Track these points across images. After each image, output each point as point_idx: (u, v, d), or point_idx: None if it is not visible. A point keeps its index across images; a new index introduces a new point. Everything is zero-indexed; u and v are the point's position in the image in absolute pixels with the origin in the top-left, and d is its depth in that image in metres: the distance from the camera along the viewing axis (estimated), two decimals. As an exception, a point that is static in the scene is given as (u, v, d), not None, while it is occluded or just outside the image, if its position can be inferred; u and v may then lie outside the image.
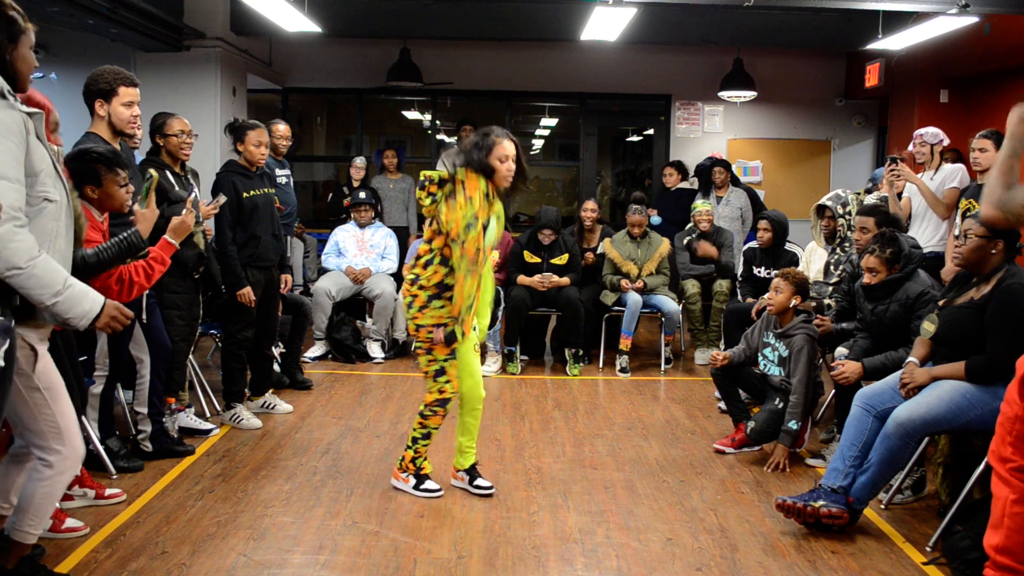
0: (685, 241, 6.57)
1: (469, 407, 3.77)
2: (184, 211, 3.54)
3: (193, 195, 3.52)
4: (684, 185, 7.92)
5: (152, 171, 3.40)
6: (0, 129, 2.29)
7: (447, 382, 3.63)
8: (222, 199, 4.49)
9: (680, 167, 7.95)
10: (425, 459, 3.78)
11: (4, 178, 2.28)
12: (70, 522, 3.24)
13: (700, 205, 6.61)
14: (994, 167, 2.53)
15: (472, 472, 3.81)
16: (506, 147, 3.52)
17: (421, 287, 3.55)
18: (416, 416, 3.75)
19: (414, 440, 3.75)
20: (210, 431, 4.52)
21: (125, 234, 3.00)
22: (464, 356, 3.68)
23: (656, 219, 7.40)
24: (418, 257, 3.60)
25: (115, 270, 3.18)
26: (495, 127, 3.60)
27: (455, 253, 3.45)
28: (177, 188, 4.22)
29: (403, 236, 7.23)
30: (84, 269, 2.77)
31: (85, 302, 2.49)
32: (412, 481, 3.76)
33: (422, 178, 3.55)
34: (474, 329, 3.68)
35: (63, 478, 2.69)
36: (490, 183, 3.53)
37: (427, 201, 3.52)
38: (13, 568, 2.73)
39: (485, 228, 3.50)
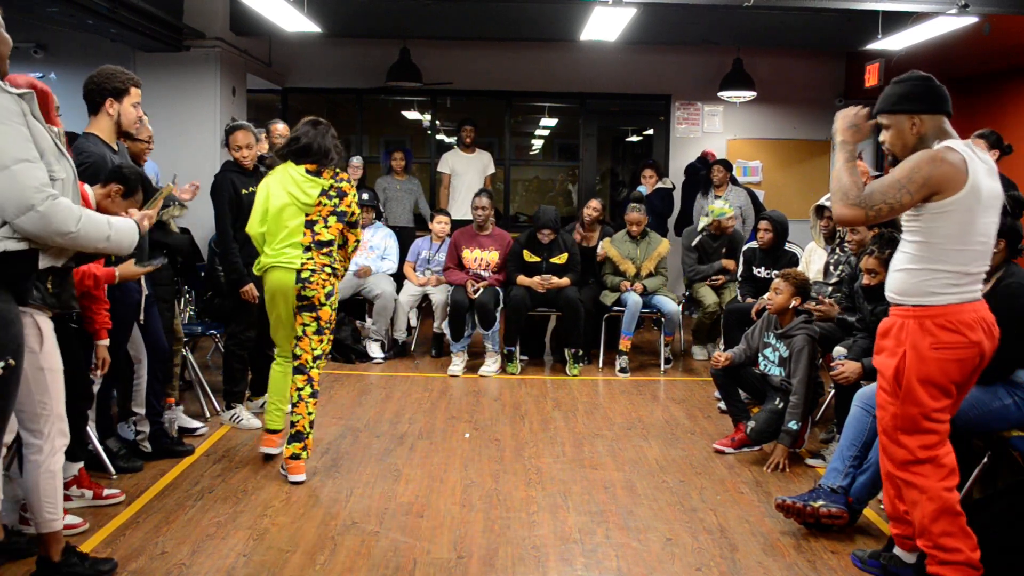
0: (694, 243, 6.55)
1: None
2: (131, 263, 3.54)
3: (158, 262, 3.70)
4: (660, 185, 8.02)
5: (171, 184, 3.46)
6: (2, 114, 2.34)
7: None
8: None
9: (656, 167, 8.11)
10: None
11: (25, 160, 2.36)
12: (68, 519, 3.24)
13: (724, 207, 6.52)
14: (840, 173, 2.71)
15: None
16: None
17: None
18: (312, 399, 3.92)
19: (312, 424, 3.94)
20: (196, 429, 4.53)
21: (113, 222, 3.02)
22: None
23: (643, 189, 7.72)
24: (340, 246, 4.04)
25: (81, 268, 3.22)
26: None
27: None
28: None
29: (408, 236, 7.25)
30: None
31: (130, 231, 2.73)
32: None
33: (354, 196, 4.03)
34: None
35: (56, 458, 2.76)
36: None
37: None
38: (62, 559, 2.82)
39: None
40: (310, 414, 3.89)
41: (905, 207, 2.63)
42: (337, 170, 3.97)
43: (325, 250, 3.90)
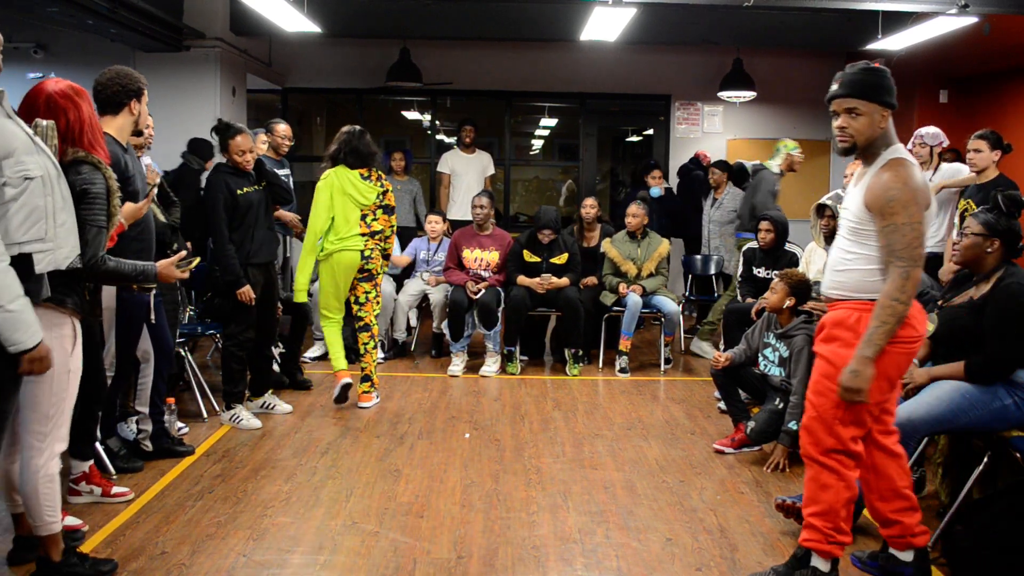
0: (777, 187, 6.62)
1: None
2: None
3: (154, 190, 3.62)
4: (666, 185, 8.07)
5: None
6: None
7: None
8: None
9: (659, 168, 8.15)
10: None
11: None
12: (68, 520, 3.24)
13: (793, 142, 6.72)
14: (874, 335, 2.64)
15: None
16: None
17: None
18: (374, 350, 5.19)
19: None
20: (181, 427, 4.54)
21: (145, 264, 3.00)
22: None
23: (656, 191, 7.68)
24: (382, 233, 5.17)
25: None
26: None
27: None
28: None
29: (409, 236, 7.25)
30: (97, 273, 2.77)
31: (22, 332, 2.41)
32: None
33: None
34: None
35: (54, 462, 2.76)
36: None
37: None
38: (62, 560, 2.82)
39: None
40: (374, 360, 5.21)
41: (924, 233, 2.63)
42: (380, 173, 5.15)
43: (377, 238, 5.12)
